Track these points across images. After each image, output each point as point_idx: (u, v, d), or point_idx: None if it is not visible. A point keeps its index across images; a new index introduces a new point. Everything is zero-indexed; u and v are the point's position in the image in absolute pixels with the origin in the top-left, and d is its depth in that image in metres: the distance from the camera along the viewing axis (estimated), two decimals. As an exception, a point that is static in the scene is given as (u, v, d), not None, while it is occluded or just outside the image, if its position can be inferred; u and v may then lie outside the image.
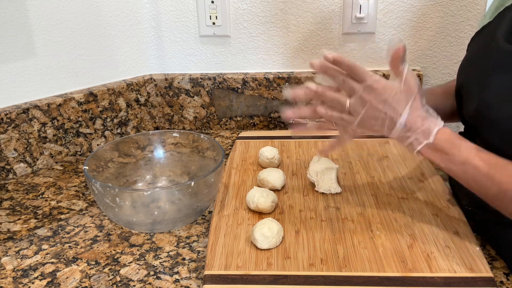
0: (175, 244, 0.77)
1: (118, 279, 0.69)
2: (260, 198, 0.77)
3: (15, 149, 1.01)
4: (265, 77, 1.19)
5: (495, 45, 0.66)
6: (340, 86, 0.69)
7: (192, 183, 0.73)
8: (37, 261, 0.74)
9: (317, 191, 0.84)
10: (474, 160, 0.62)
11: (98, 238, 0.79)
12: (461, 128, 0.82)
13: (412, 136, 0.64)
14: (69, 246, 0.78)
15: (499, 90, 0.63)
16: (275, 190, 0.84)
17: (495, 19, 0.72)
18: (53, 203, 0.92)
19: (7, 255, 0.76)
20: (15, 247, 0.78)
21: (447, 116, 0.84)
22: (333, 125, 0.73)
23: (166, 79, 1.21)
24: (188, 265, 0.72)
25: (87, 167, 0.77)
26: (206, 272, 0.65)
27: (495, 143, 0.65)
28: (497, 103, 0.63)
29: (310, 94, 0.72)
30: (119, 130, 1.18)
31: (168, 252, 0.75)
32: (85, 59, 1.11)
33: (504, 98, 0.62)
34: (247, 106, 1.22)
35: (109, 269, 0.72)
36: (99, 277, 0.70)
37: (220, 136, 1.21)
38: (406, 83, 0.64)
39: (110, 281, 0.69)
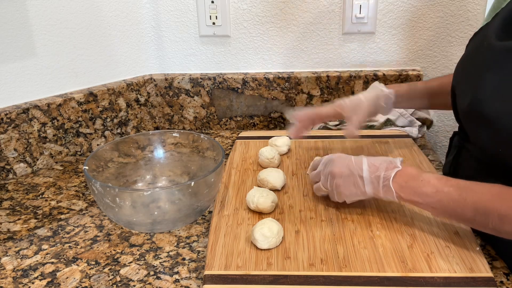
0: (175, 244, 0.77)
1: (118, 279, 0.69)
2: (260, 198, 0.77)
3: (15, 149, 1.01)
4: (265, 77, 1.19)
5: (487, 44, 0.67)
6: (313, 184, 0.82)
7: (192, 183, 0.73)
8: (37, 261, 0.74)
9: None
10: (445, 187, 0.65)
11: (98, 238, 0.79)
12: (456, 128, 0.83)
13: (381, 174, 0.69)
14: (69, 246, 0.78)
15: (491, 87, 0.63)
16: (275, 190, 0.84)
17: (491, 20, 0.73)
18: (53, 203, 0.92)
19: (7, 255, 0.76)
20: (15, 247, 0.78)
21: (437, 108, 0.96)
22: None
23: (166, 79, 1.21)
24: (188, 265, 0.72)
25: (87, 167, 0.77)
26: (206, 272, 0.65)
27: (486, 140, 0.66)
28: (489, 100, 0.63)
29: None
30: (119, 130, 1.18)
31: (168, 252, 0.75)
32: (85, 59, 1.11)
33: (496, 95, 0.62)
34: (247, 106, 1.22)
35: (109, 269, 0.72)
36: (99, 277, 0.70)
37: (220, 136, 1.21)
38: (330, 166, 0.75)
39: (110, 281, 0.69)
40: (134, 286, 0.68)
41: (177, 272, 0.70)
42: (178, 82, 1.21)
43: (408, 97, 0.91)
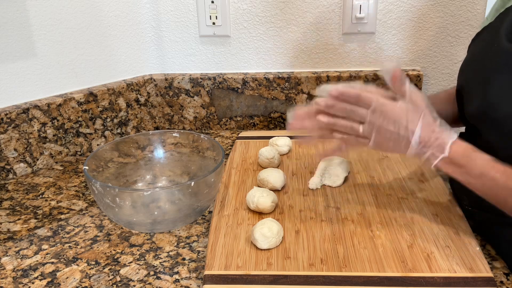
0: (175, 244, 0.77)
1: (118, 279, 0.69)
2: (260, 198, 0.77)
3: (15, 149, 1.01)
4: (265, 77, 1.19)
5: (497, 45, 0.66)
6: (350, 117, 0.68)
7: (192, 183, 0.73)
8: (37, 261, 0.74)
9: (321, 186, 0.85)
10: (491, 172, 0.62)
11: (98, 238, 0.79)
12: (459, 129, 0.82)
13: (428, 151, 0.65)
14: (69, 246, 0.78)
15: (502, 90, 0.63)
16: (275, 190, 0.84)
17: (496, 20, 0.72)
18: (53, 203, 0.92)
19: (7, 255, 0.76)
20: (15, 247, 0.78)
21: (452, 121, 0.84)
22: (334, 136, 0.72)
23: (166, 79, 1.21)
24: (188, 265, 0.72)
25: (87, 167, 0.77)
26: (206, 272, 0.65)
27: (496, 143, 0.65)
28: (499, 103, 0.63)
29: (321, 124, 0.71)
30: (119, 130, 1.18)
31: (168, 252, 0.75)
32: (85, 59, 1.11)
33: (507, 98, 0.62)
34: (247, 106, 1.22)
35: (109, 269, 0.72)
36: (99, 277, 0.70)
37: (220, 136, 1.21)
38: (412, 101, 0.65)
39: (110, 281, 0.69)
40: (134, 286, 0.68)
41: (177, 272, 0.70)
42: (178, 82, 1.21)
43: None
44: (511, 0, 0.71)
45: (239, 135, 1.11)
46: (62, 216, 0.87)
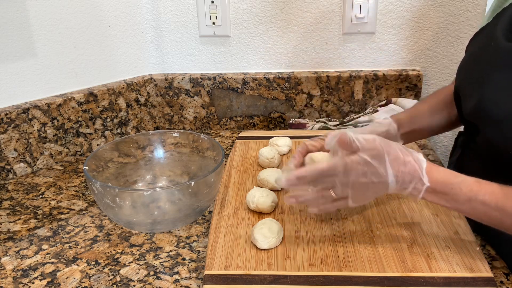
0: (175, 244, 0.77)
1: (118, 279, 0.69)
2: (260, 198, 0.77)
3: (15, 149, 1.01)
4: (265, 77, 1.19)
5: (494, 44, 0.66)
6: (319, 188, 0.66)
7: (192, 183, 0.73)
8: (37, 261, 0.74)
9: None
10: (479, 196, 0.60)
11: (98, 238, 0.79)
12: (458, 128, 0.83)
13: (408, 186, 0.62)
14: (69, 246, 0.78)
15: (499, 87, 0.63)
16: (275, 190, 0.84)
17: (493, 20, 0.72)
18: (53, 203, 0.92)
19: (7, 255, 0.76)
20: (15, 247, 0.78)
21: (448, 125, 0.84)
22: (310, 211, 0.70)
23: (166, 79, 1.21)
24: (188, 265, 0.72)
25: (87, 167, 0.77)
26: (206, 272, 0.65)
27: (495, 141, 0.65)
28: (496, 101, 0.63)
29: (291, 203, 0.69)
30: (119, 130, 1.18)
31: (168, 252, 0.75)
32: (85, 59, 1.11)
33: (504, 96, 0.62)
34: (247, 106, 1.22)
35: (109, 269, 0.72)
36: (99, 277, 0.70)
37: (220, 136, 1.21)
38: (369, 149, 0.61)
39: (110, 281, 0.69)
40: (134, 286, 0.68)
41: (177, 272, 0.70)
42: (178, 82, 1.21)
43: (409, 125, 0.82)
44: (507, 0, 0.71)
45: (239, 135, 1.11)
46: (62, 216, 0.87)
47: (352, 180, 0.62)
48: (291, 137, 1.03)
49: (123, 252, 0.76)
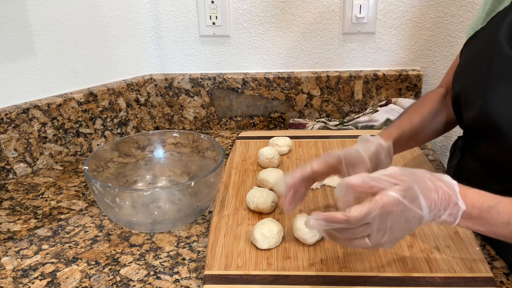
0: (175, 244, 0.77)
1: (118, 279, 0.69)
2: (260, 198, 0.77)
3: (15, 149, 1.01)
4: (265, 77, 1.19)
5: (497, 51, 0.65)
6: (353, 238, 0.57)
7: (192, 183, 0.73)
8: (37, 261, 0.74)
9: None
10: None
11: (98, 238, 0.79)
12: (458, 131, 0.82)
13: (443, 213, 0.56)
14: (69, 246, 0.78)
15: (503, 97, 0.62)
16: (275, 190, 0.84)
17: (489, 24, 0.71)
18: (53, 203, 0.92)
19: (7, 255, 0.76)
20: (15, 247, 0.78)
21: (444, 128, 0.84)
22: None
23: (166, 79, 1.21)
24: (188, 265, 0.72)
25: (87, 167, 0.77)
26: (206, 272, 0.65)
27: (498, 149, 0.65)
28: (501, 111, 0.62)
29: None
30: (119, 130, 1.18)
31: (168, 252, 0.75)
32: (85, 59, 1.11)
33: (509, 105, 0.62)
34: (247, 106, 1.22)
35: (109, 269, 0.72)
36: (99, 277, 0.70)
37: (220, 136, 1.21)
38: (396, 188, 0.54)
39: (110, 281, 0.69)
40: (134, 286, 0.68)
41: (177, 272, 0.70)
42: (178, 82, 1.21)
43: (402, 142, 0.79)
44: (501, 4, 0.70)
45: (239, 135, 1.11)
46: (62, 216, 0.87)
47: (390, 224, 0.54)
48: (291, 137, 1.03)
49: (123, 252, 0.76)
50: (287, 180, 0.68)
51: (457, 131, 0.86)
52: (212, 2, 1.15)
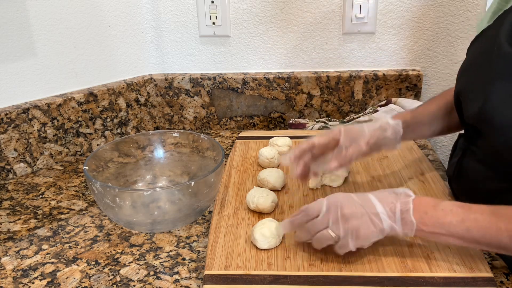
0: (175, 244, 0.77)
1: (118, 279, 0.69)
2: (260, 198, 0.77)
3: (15, 149, 1.01)
4: (265, 77, 1.19)
5: (497, 50, 0.65)
6: (313, 235, 0.67)
7: (192, 183, 0.73)
8: (37, 261, 0.74)
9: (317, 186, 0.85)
10: (471, 215, 0.60)
11: (98, 238, 0.79)
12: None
13: (396, 206, 0.62)
14: (69, 246, 0.78)
15: (503, 95, 0.62)
16: (275, 190, 0.84)
17: (495, 23, 0.72)
18: (53, 203, 0.92)
19: (7, 255, 0.76)
20: (15, 247, 0.78)
21: (449, 127, 0.85)
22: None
23: (166, 79, 1.21)
24: (188, 265, 0.72)
25: (87, 167, 0.77)
26: (206, 272, 0.65)
27: (497, 146, 0.65)
28: (500, 108, 0.62)
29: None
30: (119, 130, 1.18)
31: (168, 252, 0.75)
32: (85, 59, 1.11)
33: (508, 103, 0.62)
34: (247, 106, 1.22)
35: (109, 269, 0.72)
36: (99, 277, 0.70)
37: (220, 136, 1.21)
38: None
39: (110, 281, 0.69)
40: (134, 286, 0.68)
41: (177, 272, 0.70)
42: (178, 82, 1.21)
43: (413, 126, 0.83)
44: (509, 3, 0.70)
45: (239, 135, 1.11)
46: (62, 216, 0.87)
47: (342, 213, 0.63)
48: (291, 137, 1.03)
49: (123, 252, 0.76)
50: (291, 153, 0.76)
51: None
52: (212, 2, 1.15)
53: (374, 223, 0.63)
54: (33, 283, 0.69)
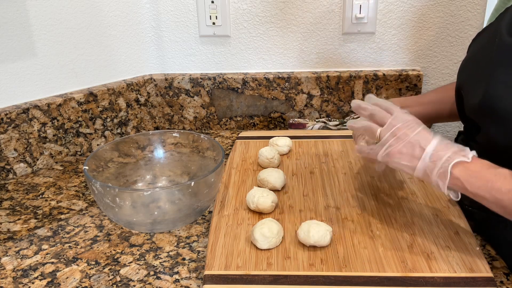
0: (175, 244, 0.77)
1: (118, 279, 0.69)
2: (260, 198, 0.77)
3: (15, 149, 1.01)
4: (265, 77, 1.19)
5: (498, 40, 0.67)
6: (371, 119, 0.70)
7: (192, 183, 0.73)
8: (37, 261, 0.74)
9: None
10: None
11: (98, 238, 0.79)
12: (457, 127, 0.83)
13: (444, 154, 0.61)
14: (69, 246, 0.78)
15: (503, 83, 0.63)
16: (275, 190, 0.84)
17: (496, 19, 0.72)
18: (53, 203, 0.92)
19: (7, 255, 0.76)
20: (15, 247, 0.78)
21: (446, 118, 0.91)
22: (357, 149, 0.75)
23: (166, 79, 1.21)
24: (188, 265, 0.72)
25: (87, 167, 0.77)
26: (206, 272, 0.65)
27: (497, 137, 0.65)
28: (502, 96, 0.63)
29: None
30: (119, 130, 1.18)
31: (168, 252, 0.75)
32: (85, 59, 1.11)
33: (509, 91, 0.62)
34: (247, 106, 1.22)
35: (109, 269, 0.72)
36: (99, 277, 0.70)
37: (220, 136, 1.21)
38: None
39: (110, 281, 0.69)
40: (134, 286, 0.68)
41: (177, 272, 0.70)
42: (178, 82, 1.21)
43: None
44: (510, 1, 0.71)
45: (239, 135, 1.11)
46: (62, 216, 0.87)
47: (400, 127, 0.65)
48: (291, 137, 1.03)
49: (123, 252, 0.76)
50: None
51: (459, 126, 0.87)
52: (212, 2, 1.15)
53: (412, 152, 0.64)
54: (33, 283, 0.70)
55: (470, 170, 0.60)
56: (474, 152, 0.62)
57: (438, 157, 0.62)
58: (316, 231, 0.68)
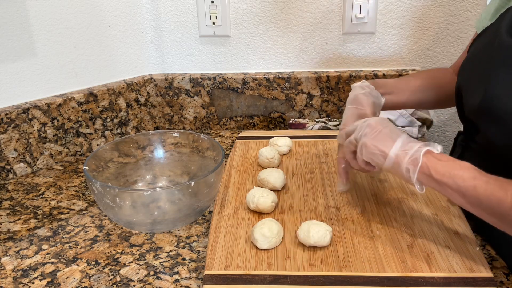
0: (175, 244, 0.77)
1: (118, 279, 0.69)
2: (260, 198, 0.77)
3: (15, 149, 1.01)
4: (265, 77, 1.19)
5: (498, 41, 0.67)
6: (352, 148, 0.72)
7: (192, 183, 0.73)
8: (37, 261, 0.74)
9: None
10: (483, 177, 0.59)
11: (98, 238, 0.79)
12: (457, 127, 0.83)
13: (414, 145, 0.63)
14: (69, 246, 0.78)
15: (503, 83, 0.63)
16: (275, 190, 0.84)
17: (497, 20, 0.72)
18: (53, 203, 0.92)
19: (7, 255, 0.76)
20: (15, 247, 0.78)
21: (426, 106, 0.95)
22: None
23: (166, 79, 1.21)
24: (188, 265, 0.72)
25: (87, 167, 0.77)
26: (206, 272, 0.65)
27: (498, 139, 0.65)
28: (501, 96, 0.63)
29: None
30: (119, 130, 1.18)
31: (168, 252, 0.75)
32: (85, 59, 1.11)
33: (508, 92, 0.62)
34: (247, 106, 1.22)
35: (109, 269, 0.72)
36: (99, 277, 0.70)
37: (220, 136, 1.21)
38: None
39: (110, 281, 0.69)
40: (134, 286, 0.68)
41: (177, 272, 0.70)
42: (178, 82, 1.21)
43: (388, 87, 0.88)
44: (511, 1, 0.71)
45: (239, 135, 1.11)
46: (62, 216, 0.87)
47: (370, 123, 0.68)
48: (291, 137, 1.03)
49: (123, 252, 0.76)
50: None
51: (459, 126, 0.87)
52: (212, 2, 1.15)
53: (385, 142, 0.65)
54: (33, 283, 0.70)
55: (437, 158, 0.62)
56: (441, 147, 0.64)
57: (410, 147, 0.64)
58: (316, 231, 0.68)
